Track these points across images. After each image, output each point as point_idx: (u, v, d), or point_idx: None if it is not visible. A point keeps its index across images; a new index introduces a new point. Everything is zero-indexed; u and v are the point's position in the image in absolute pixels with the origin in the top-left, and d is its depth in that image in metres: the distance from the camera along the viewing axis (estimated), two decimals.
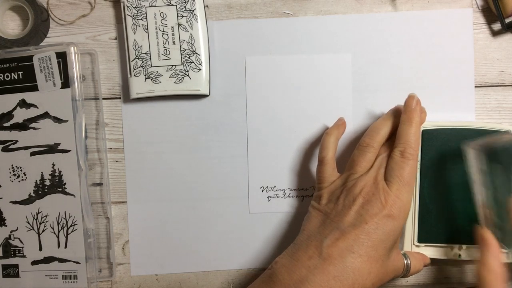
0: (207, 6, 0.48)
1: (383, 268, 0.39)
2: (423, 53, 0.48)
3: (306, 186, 0.49)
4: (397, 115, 0.44)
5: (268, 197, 0.49)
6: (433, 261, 0.46)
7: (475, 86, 0.48)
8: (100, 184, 0.48)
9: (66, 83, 0.46)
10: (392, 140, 0.43)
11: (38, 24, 0.45)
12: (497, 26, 0.48)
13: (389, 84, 0.48)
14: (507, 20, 0.46)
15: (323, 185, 0.44)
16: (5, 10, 0.47)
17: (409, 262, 0.43)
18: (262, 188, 0.49)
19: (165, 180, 0.49)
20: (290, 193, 0.49)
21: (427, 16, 0.48)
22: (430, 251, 0.46)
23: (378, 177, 0.41)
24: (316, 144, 0.48)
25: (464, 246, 0.45)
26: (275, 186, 0.49)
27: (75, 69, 0.46)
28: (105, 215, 0.48)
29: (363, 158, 0.42)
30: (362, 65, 0.48)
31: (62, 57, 0.45)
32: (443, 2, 0.48)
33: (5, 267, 0.47)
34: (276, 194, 0.49)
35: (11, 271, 0.47)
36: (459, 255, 0.45)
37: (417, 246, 0.45)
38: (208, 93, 0.46)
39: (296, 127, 0.48)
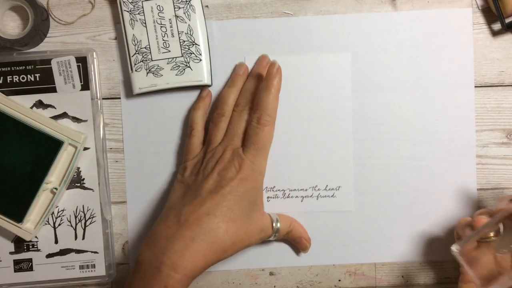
0: (207, 6, 0.48)
1: (242, 228, 0.42)
2: (423, 53, 0.48)
3: (306, 187, 0.49)
4: (241, 80, 0.47)
5: (268, 197, 0.49)
6: (433, 262, 0.46)
7: (475, 86, 0.48)
8: None
9: (86, 85, 0.47)
10: (242, 104, 0.45)
11: (38, 24, 0.45)
12: (497, 26, 0.48)
13: (389, 84, 0.48)
14: (507, 20, 0.46)
15: (188, 157, 0.46)
16: (5, 10, 0.47)
17: (278, 225, 0.45)
18: None
19: (165, 180, 0.48)
20: (289, 194, 0.49)
21: (427, 16, 0.48)
22: None
23: (234, 144, 0.44)
24: (316, 144, 0.48)
25: None
26: (274, 187, 0.49)
27: (95, 73, 0.47)
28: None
29: (217, 128, 0.45)
30: (362, 65, 0.48)
31: (82, 61, 0.47)
32: (443, 2, 0.48)
33: (17, 262, 0.48)
34: (276, 195, 0.49)
35: (24, 265, 0.48)
36: None
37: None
38: (210, 83, 0.47)
39: (296, 127, 0.48)
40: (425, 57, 0.48)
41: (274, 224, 0.45)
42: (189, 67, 0.46)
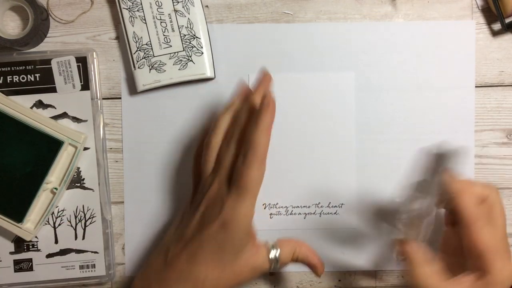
0: (207, 6, 0.48)
1: (226, 271, 0.39)
2: (423, 53, 0.48)
3: (309, 204, 0.48)
4: (238, 102, 0.42)
5: (271, 214, 0.49)
6: None
7: (475, 86, 0.48)
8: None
9: (86, 85, 0.47)
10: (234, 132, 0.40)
11: (38, 24, 0.45)
12: (497, 26, 0.48)
13: (390, 85, 0.48)
14: (507, 20, 0.46)
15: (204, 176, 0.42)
16: (5, 10, 0.47)
17: (277, 254, 0.41)
18: (264, 205, 0.48)
19: (164, 181, 0.48)
20: (292, 211, 0.49)
21: (427, 21, 0.48)
22: None
23: (222, 178, 0.39)
24: (319, 161, 0.48)
25: None
26: (277, 203, 0.49)
27: (95, 73, 0.47)
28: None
29: (209, 157, 0.41)
30: (363, 69, 0.48)
31: (82, 61, 0.47)
32: (443, 2, 0.48)
33: (17, 262, 0.48)
34: (279, 211, 0.49)
35: (24, 265, 0.48)
36: None
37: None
38: (213, 76, 0.47)
39: (299, 144, 0.48)
40: (426, 57, 0.48)
41: (270, 255, 0.41)
42: (191, 60, 0.46)
